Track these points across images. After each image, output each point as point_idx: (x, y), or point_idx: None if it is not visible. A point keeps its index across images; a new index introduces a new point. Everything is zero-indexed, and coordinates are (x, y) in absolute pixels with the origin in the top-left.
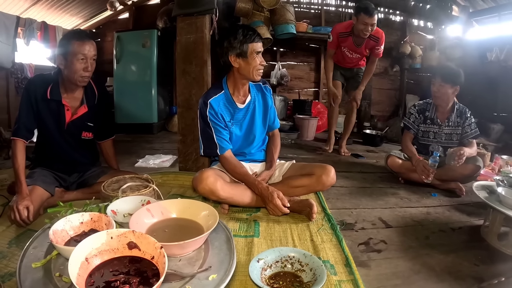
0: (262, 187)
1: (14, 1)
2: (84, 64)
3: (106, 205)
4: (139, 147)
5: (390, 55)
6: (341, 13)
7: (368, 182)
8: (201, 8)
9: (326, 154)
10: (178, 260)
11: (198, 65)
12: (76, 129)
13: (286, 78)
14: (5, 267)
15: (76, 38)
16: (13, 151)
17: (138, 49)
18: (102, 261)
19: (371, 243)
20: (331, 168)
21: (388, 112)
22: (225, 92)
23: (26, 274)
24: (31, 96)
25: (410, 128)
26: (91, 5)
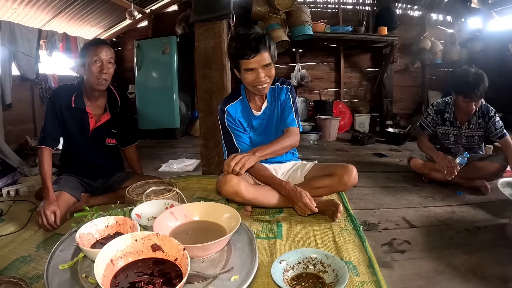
0: (290, 188)
1: (35, 14)
2: (100, 67)
3: (131, 209)
4: (162, 152)
5: (410, 51)
6: (358, 11)
7: (392, 181)
8: (217, 13)
9: (348, 153)
10: (201, 261)
11: (217, 70)
12: (100, 136)
13: (307, 79)
14: (33, 270)
15: (92, 44)
16: (40, 159)
17: (158, 56)
18: (127, 263)
19: (395, 244)
20: (353, 168)
21: (411, 109)
22: (242, 98)
23: (54, 275)
24: (56, 105)
25: (426, 129)
26: (110, 15)
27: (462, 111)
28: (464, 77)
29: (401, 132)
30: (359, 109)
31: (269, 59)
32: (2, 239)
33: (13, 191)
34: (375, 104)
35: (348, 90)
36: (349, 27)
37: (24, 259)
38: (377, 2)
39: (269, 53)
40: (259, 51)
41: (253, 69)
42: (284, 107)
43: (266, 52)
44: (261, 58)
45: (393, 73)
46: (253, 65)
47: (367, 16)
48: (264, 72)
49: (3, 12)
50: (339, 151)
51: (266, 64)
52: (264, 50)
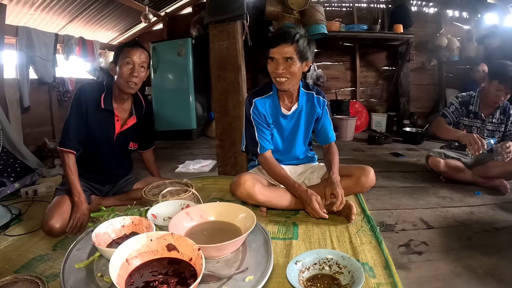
0: (301, 190)
1: (51, 19)
2: (131, 70)
3: (147, 209)
4: (179, 153)
5: (426, 49)
6: (373, 9)
7: (409, 181)
8: (231, 14)
9: (365, 153)
10: (216, 261)
11: (232, 71)
12: (124, 140)
13: (322, 78)
14: (50, 268)
15: (127, 45)
16: (66, 163)
17: (174, 58)
18: (142, 262)
19: (412, 245)
20: (370, 169)
21: (428, 108)
22: (273, 94)
23: (70, 274)
24: (82, 105)
25: (447, 116)
26: (125, 18)
27: (491, 99)
28: (503, 65)
29: (418, 132)
30: (375, 108)
31: (292, 53)
32: (20, 238)
33: (32, 192)
34: (391, 103)
35: (364, 89)
36: (364, 26)
37: (41, 258)
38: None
39: (294, 48)
40: (283, 42)
41: (274, 58)
42: (323, 121)
43: (291, 46)
44: (283, 50)
45: (409, 71)
46: (275, 54)
47: (382, 14)
48: (283, 65)
49: (20, 17)
50: (356, 151)
51: (287, 57)
52: (288, 42)
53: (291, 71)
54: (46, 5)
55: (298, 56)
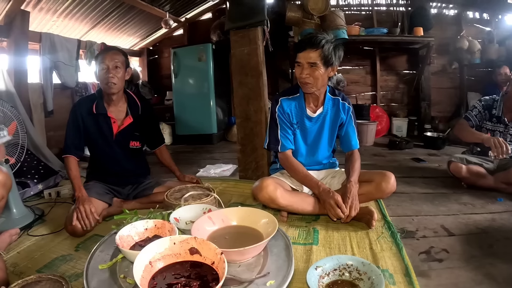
0: (324, 187)
1: (74, 26)
2: (106, 72)
3: (169, 212)
4: (199, 157)
5: (447, 51)
6: (392, 12)
7: (430, 187)
8: (252, 20)
9: (385, 158)
10: (238, 266)
11: (254, 77)
12: (123, 139)
13: (343, 83)
14: (72, 268)
15: (100, 53)
16: (67, 166)
17: (195, 63)
18: (165, 265)
19: (432, 252)
20: (391, 175)
21: (449, 112)
22: (299, 96)
23: (93, 275)
24: (78, 116)
25: (470, 120)
26: (146, 24)
27: None
28: None
29: (440, 136)
30: (396, 112)
31: (316, 59)
32: (43, 239)
33: (54, 193)
34: (412, 108)
35: (385, 94)
36: (384, 29)
37: (63, 258)
38: (411, 2)
39: (318, 54)
40: (308, 48)
41: (299, 63)
42: (347, 127)
43: (315, 52)
44: (308, 55)
45: (430, 75)
46: (300, 59)
47: (402, 17)
48: (307, 70)
49: (43, 24)
50: (376, 156)
51: (311, 63)
52: (314, 48)
53: (314, 76)
54: (68, 12)
55: (322, 62)
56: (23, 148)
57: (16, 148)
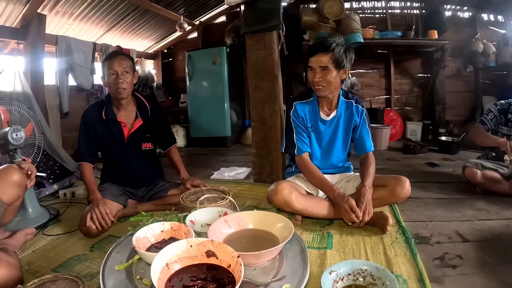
0: (338, 191)
1: (89, 29)
2: (115, 78)
3: (185, 215)
4: (214, 160)
5: (462, 54)
6: (407, 15)
7: (445, 192)
8: (268, 24)
9: (400, 163)
10: (253, 269)
11: (269, 80)
12: (135, 142)
13: (357, 86)
14: (87, 268)
15: (106, 58)
16: (82, 172)
17: (209, 66)
18: (182, 267)
19: (446, 258)
20: (405, 179)
21: (464, 116)
22: (313, 100)
23: (109, 275)
24: (88, 123)
25: (485, 123)
26: (161, 27)
27: None
28: None
29: (454, 141)
30: (410, 116)
31: (327, 62)
32: (58, 238)
33: (69, 194)
34: (427, 111)
35: (399, 97)
36: (398, 32)
37: (78, 258)
38: (426, 5)
39: (330, 57)
40: (320, 52)
41: (312, 67)
42: (361, 130)
43: (326, 56)
44: (320, 59)
45: (445, 78)
46: (312, 63)
47: (416, 19)
48: (320, 74)
49: (59, 27)
50: (391, 160)
51: (322, 66)
52: (324, 52)
53: (327, 79)
54: (84, 15)
55: (334, 65)
56: (39, 148)
57: (33, 148)
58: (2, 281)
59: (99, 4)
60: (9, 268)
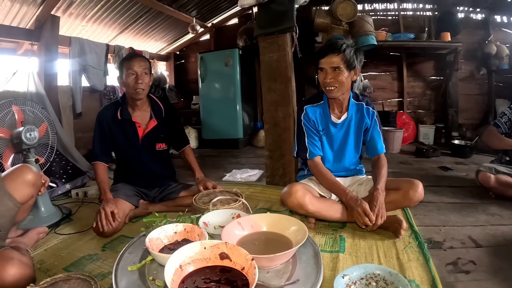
0: (352, 195)
1: (102, 31)
2: (135, 79)
3: (198, 217)
4: (225, 162)
5: (475, 57)
6: (419, 17)
7: (458, 197)
8: (281, 27)
9: (412, 166)
10: (266, 272)
11: (282, 83)
12: (149, 142)
13: (369, 89)
14: (98, 268)
15: (126, 58)
16: (96, 172)
17: (221, 68)
18: (195, 269)
19: (459, 263)
20: (418, 183)
21: (477, 119)
22: (324, 103)
23: (122, 276)
24: (103, 123)
25: (499, 126)
26: (173, 29)
27: None
28: None
29: (467, 144)
30: (423, 119)
31: (339, 63)
32: (70, 237)
33: (82, 193)
34: (439, 115)
35: (412, 100)
36: (410, 35)
37: (90, 257)
38: (438, 7)
39: (341, 57)
40: (330, 53)
41: (323, 68)
42: (372, 132)
43: (338, 56)
44: (331, 60)
45: (458, 81)
46: (323, 65)
47: (429, 21)
48: (332, 75)
49: (73, 29)
50: (403, 164)
51: (334, 67)
52: (335, 52)
53: (339, 80)
54: (97, 17)
55: (345, 65)
56: (52, 148)
57: (46, 148)
58: (15, 280)
59: (112, 6)
60: (21, 267)
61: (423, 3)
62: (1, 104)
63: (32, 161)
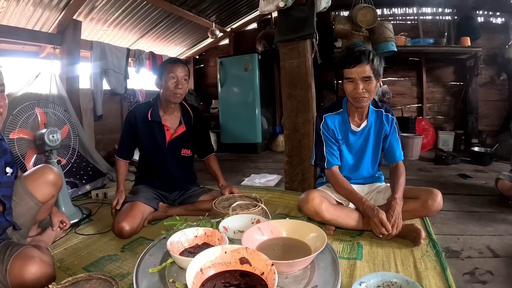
0: (368, 204)
1: (123, 35)
2: (176, 83)
3: (218, 221)
4: (244, 166)
5: (495, 62)
6: (438, 21)
7: (477, 205)
8: (302, 33)
9: (431, 174)
10: (285, 277)
11: (303, 89)
12: (175, 147)
13: (388, 95)
14: (117, 268)
15: (169, 61)
16: (117, 167)
17: (241, 73)
18: (215, 273)
19: (477, 273)
20: (438, 192)
21: (497, 126)
22: (343, 111)
23: (143, 277)
24: (132, 121)
25: None
26: (193, 34)
27: None
28: None
29: (487, 152)
30: (442, 126)
31: (369, 72)
32: (90, 238)
33: (102, 194)
34: (459, 121)
35: (431, 106)
36: (430, 39)
37: (109, 258)
38: (458, 11)
39: (371, 67)
40: (360, 62)
41: (352, 79)
42: (391, 139)
43: (368, 65)
44: (361, 69)
45: (478, 86)
46: (353, 75)
47: (448, 26)
48: (362, 85)
49: (94, 33)
50: (422, 171)
51: (365, 77)
52: (365, 62)
53: (370, 90)
54: (118, 22)
55: (374, 74)
56: (74, 150)
57: (68, 150)
58: (36, 278)
59: (132, 12)
60: (42, 265)
61: (442, 8)
62: (25, 106)
63: (54, 162)
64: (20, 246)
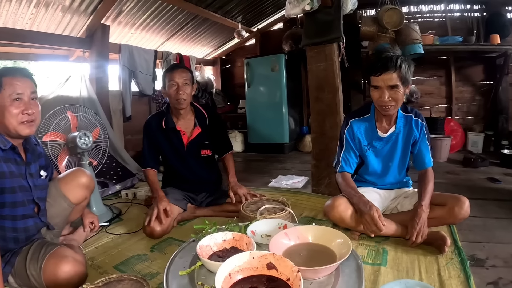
0: (362, 200)
1: (150, 37)
2: (176, 89)
3: (246, 225)
4: (271, 167)
5: None
6: (467, 18)
7: (504, 211)
8: (328, 37)
9: (459, 177)
10: (310, 283)
11: (330, 92)
12: (194, 149)
13: (416, 94)
14: (147, 268)
15: (167, 70)
16: (146, 177)
17: (268, 73)
18: (243, 277)
19: (501, 284)
20: (465, 200)
21: None
22: (370, 117)
23: (173, 279)
24: (149, 133)
25: None
26: (219, 35)
27: None
28: None
29: None
30: (472, 127)
31: (396, 80)
32: (120, 237)
33: (131, 194)
34: (489, 121)
35: (460, 106)
36: (459, 38)
37: (139, 257)
38: (486, 7)
39: (398, 74)
40: (386, 70)
41: (378, 87)
42: (420, 145)
43: (394, 73)
44: (387, 77)
45: (508, 86)
46: (379, 83)
47: (477, 23)
48: (389, 93)
49: (122, 36)
50: (450, 174)
51: (392, 85)
52: (391, 70)
53: (396, 98)
54: (145, 25)
55: (401, 82)
56: (105, 151)
57: (99, 151)
58: (69, 276)
59: (159, 15)
60: (75, 264)
61: (470, 4)
62: (57, 110)
63: (86, 164)
64: (54, 246)
